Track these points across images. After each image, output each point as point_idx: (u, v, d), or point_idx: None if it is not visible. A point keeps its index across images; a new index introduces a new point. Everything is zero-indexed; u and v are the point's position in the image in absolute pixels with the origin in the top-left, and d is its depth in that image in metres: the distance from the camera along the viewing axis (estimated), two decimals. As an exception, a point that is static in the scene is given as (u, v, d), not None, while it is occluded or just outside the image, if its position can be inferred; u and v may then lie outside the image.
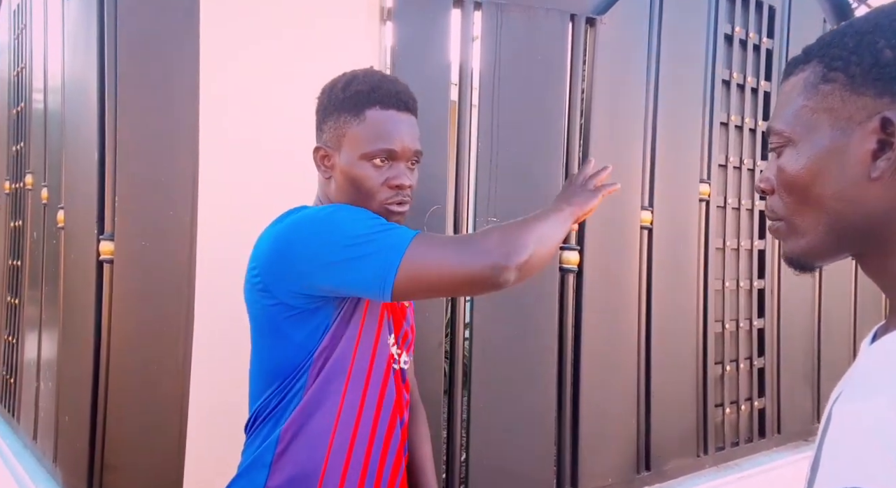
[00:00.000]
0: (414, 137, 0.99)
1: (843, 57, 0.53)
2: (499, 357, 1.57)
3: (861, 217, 0.53)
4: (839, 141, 0.53)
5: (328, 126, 0.99)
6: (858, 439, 0.47)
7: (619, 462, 1.78)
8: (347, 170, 0.97)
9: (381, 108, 0.96)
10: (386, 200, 0.97)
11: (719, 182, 2.02)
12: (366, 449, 0.97)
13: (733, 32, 2.03)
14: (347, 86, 0.97)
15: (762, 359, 2.16)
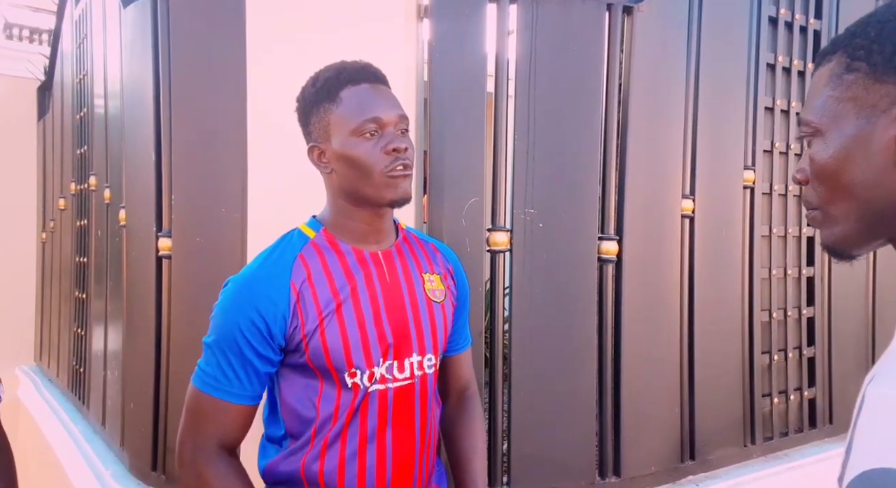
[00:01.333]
0: (394, 104, 1.00)
1: (865, 46, 0.53)
2: (538, 347, 1.59)
3: (891, 203, 0.53)
4: (864, 129, 0.53)
5: (312, 123, 1.01)
6: (890, 421, 0.47)
7: (663, 450, 1.77)
8: (342, 153, 0.98)
9: (352, 85, 0.98)
10: (387, 169, 0.96)
11: (764, 168, 1.97)
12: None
13: (778, 14, 1.97)
14: (315, 80, 1.01)
15: (812, 348, 2.10)
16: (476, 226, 1.52)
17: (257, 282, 0.98)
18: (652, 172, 1.72)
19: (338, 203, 1.04)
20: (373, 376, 1.00)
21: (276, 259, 1.01)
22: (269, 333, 0.95)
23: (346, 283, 1.00)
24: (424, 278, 1.09)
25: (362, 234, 1.04)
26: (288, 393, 1.01)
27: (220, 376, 0.97)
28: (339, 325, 0.98)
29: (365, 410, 1.00)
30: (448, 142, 1.51)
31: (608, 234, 1.66)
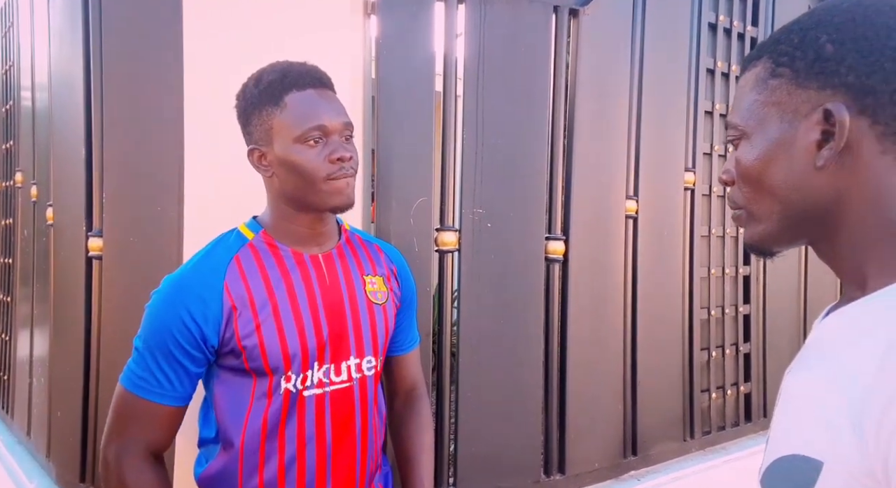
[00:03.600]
0: (339, 110, 0.98)
1: (788, 52, 0.55)
2: (486, 347, 1.60)
3: (810, 205, 0.55)
4: (787, 133, 0.55)
5: (253, 125, 0.98)
6: (799, 409, 0.50)
7: (606, 447, 1.81)
8: (284, 159, 0.96)
9: (297, 91, 0.96)
10: (329, 176, 0.95)
11: (704, 170, 2.04)
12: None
13: (717, 21, 2.04)
14: (259, 80, 0.98)
15: (748, 344, 2.19)
16: (424, 226, 1.51)
17: (189, 282, 0.96)
18: (597, 173, 1.75)
19: (278, 206, 1.02)
20: (306, 379, 0.99)
21: (210, 260, 0.99)
22: (201, 335, 0.94)
23: (283, 286, 0.99)
24: (366, 280, 1.09)
25: (303, 237, 1.03)
26: (220, 394, 1.00)
27: (149, 377, 0.95)
28: (275, 328, 0.97)
29: (302, 415, 0.99)
30: (396, 141, 1.49)
31: (555, 234, 1.68)
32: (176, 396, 0.97)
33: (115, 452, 0.97)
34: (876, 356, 0.45)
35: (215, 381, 1.01)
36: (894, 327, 0.46)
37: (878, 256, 0.52)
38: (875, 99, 0.51)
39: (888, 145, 0.52)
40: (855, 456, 0.44)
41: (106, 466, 0.98)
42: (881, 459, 0.42)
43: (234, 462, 0.99)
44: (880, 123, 0.51)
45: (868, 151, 0.52)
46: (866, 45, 0.51)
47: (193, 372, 0.97)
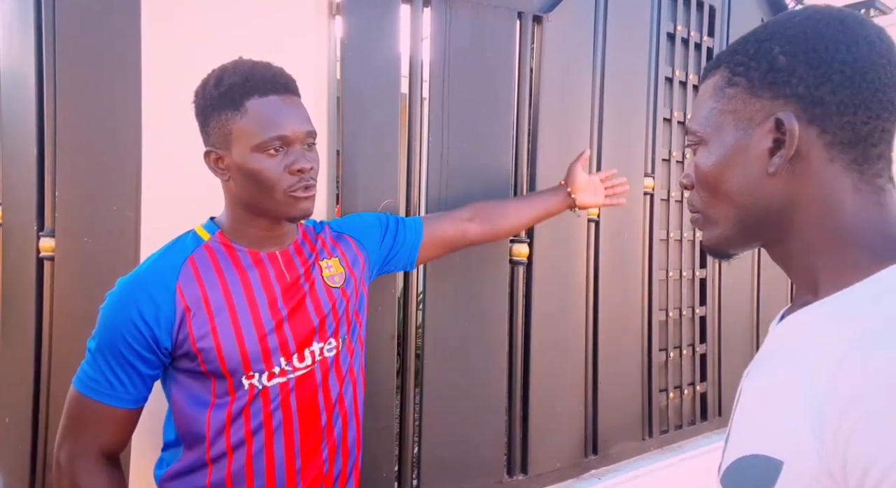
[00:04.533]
0: (303, 118, 0.96)
1: (744, 63, 0.57)
2: (451, 349, 1.60)
3: (762, 209, 0.57)
4: (742, 140, 0.57)
5: (212, 127, 0.96)
6: (759, 410, 0.51)
7: (568, 447, 1.84)
8: (242, 167, 0.94)
9: (259, 97, 0.93)
10: (289, 188, 0.94)
11: (663, 176, 2.09)
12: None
13: (675, 31, 2.10)
14: (219, 81, 0.95)
15: (704, 345, 2.25)
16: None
17: (141, 284, 0.94)
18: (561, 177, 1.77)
19: (234, 208, 1.01)
20: (273, 376, 0.99)
21: (164, 261, 0.98)
22: (153, 336, 0.92)
23: (240, 286, 0.98)
24: (322, 266, 1.09)
25: (260, 239, 1.03)
26: (179, 397, 0.99)
27: (102, 379, 0.94)
28: (233, 329, 0.96)
29: (267, 404, 0.99)
30: (361, 142, 1.49)
31: (520, 237, 1.69)
32: (129, 399, 0.95)
33: (67, 455, 0.95)
34: (833, 359, 0.46)
35: (172, 384, 0.99)
36: (850, 330, 0.47)
37: (827, 261, 0.54)
38: (823, 109, 0.53)
39: (835, 154, 0.54)
40: (814, 456, 0.45)
41: (58, 470, 0.96)
42: (840, 460, 0.43)
43: (200, 459, 0.98)
44: (828, 133, 0.53)
45: (817, 159, 0.54)
46: (816, 58, 0.53)
47: (147, 374, 0.95)
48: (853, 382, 0.43)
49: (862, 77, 0.52)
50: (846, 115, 0.53)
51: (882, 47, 0.53)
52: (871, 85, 0.52)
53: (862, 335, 0.45)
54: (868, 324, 0.46)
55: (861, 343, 0.45)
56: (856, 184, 0.53)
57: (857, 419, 0.42)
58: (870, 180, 0.54)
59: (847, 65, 0.52)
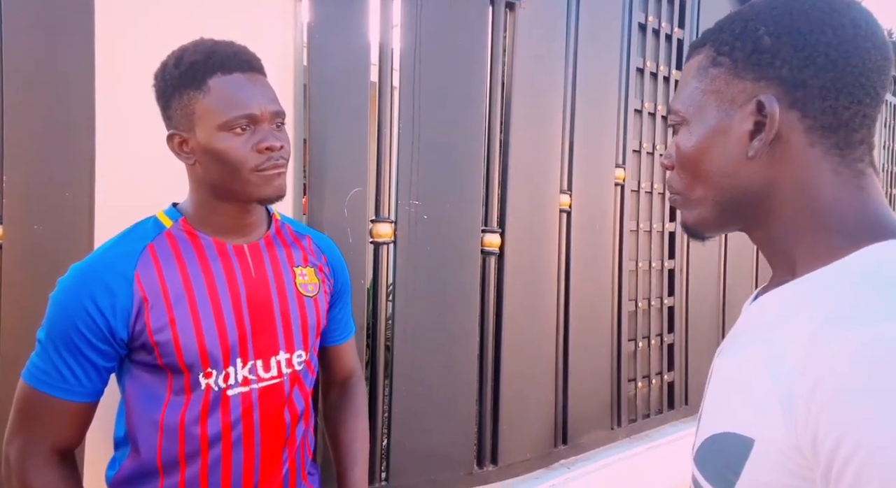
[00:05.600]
0: (270, 98, 0.91)
1: (729, 42, 0.56)
2: (421, 339, 1.58)
3: (741, 192, 0.57)
4: (723, 121, 0.56)
5: (174, 109, 0.91)
6: (730, 388, 0.51)
7: (538, 437, 1.84)
8: (208, 147, 0.89)
9: (223, 74, 0.88)
10: (258, 166, 0.89)
11: (633, 167, 2.09)
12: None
13: (647, 21, 2.10)
14: (180, 60, 0.90)
15: (672, 334, 2.28)
16: (359, 218, 1.47)
17: (96, 271, 0.89)
18: (533, 167, 1.76)
19: (201, 194, 0.96)
20: (228, 377, 0.94)
21: (122, 248, 0.92)
22: (108, 327, 0.88)
23: (202, 278, 0.94)
24: (296, 272, 1.04)
25: (227, 227, 0.98)
26: (132, 392, 0.94)
27: (53, 371, 0.89)
28: (192, 321, 0.91)
29: (227, 414, 0.94)
30: (330, 130, 1.45)
31: (491, 227, 1.68)
32: (83, 392, 0.90)
33: (17, 452, 0.90)
34: (804, 336, 0.46)
35: (127, 377, 0.95)
36: (823, 308, 0.47)
37: (806, 244, 0.54)
38: (805, 93, 0.52)
39: (816, 138, 0.53)
40: (783, 433, 0.45)
41: (7, 467, 0.90)
42: (810, 436, 0.43)
43: (151, 463, 0.93)
44: (809, 117, 0.53)
45: (797, 143, 0.53)
46: (800, 40, 0.52)
47: (102, 366, 0.91)
48: (824, 360, 0.43)
49: (846, 61, 0.52)
50: (828, 99, 0.52)
51: (867, 31, 0.52)
52: (854, 69, 0.52)
53: (834, 313, 0.45)
54: (840, 303, 0.46)
55: (833, 321, 0.45)
56: (836, 169, 0.53)
57: (827, 395, 0.42)
58: (850, 165, 0.53)
59: (832, 48, 0.51)
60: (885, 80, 0.54)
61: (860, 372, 0.41)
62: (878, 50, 0.52)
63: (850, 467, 0.40)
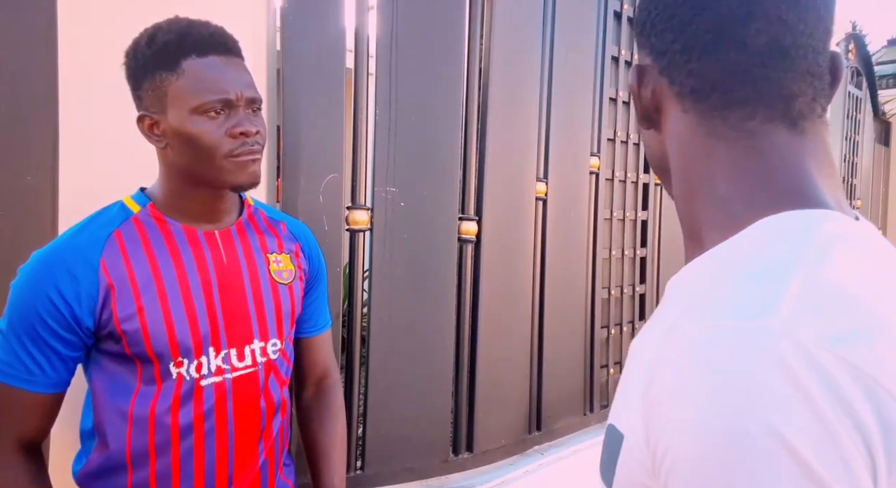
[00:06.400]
0: (245, 82, 0.88)
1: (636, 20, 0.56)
2: (398, 327, 1.57)
3: (655, 163, 0.57)
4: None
5: (145, 90, 0.87)
6: (624, 375, 0.47)
7: (513, 423, 1.85)
8: (180, 130, 0.86)
9: (198, 56, 0.85)
10: (232, 152, 0.86)
11: (608, 155, 2.11)
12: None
13: (622, 9, 2.10)
14: (152, 40, 0.86)
15: (643, 322, 2.31)
16: (334, 204, 1.45)
17: (60, 258, 0.86)
18: (509, 155, 1.76)
19: (171, 179, 0.93)
20: (201, 366, 0.92)
21: (87, 234, 0.89)
22: (73, 315, 0.85)
23: (171, 265, 0.91)
24: (269, 258, 1.02)
25: (198, 213, 0.95)
26: (100, 382, 0.91)
27: (16, 362, 0.85)
28: (161, 309, 0.89)
29: (199, 405, 0.92)
30: (304, 116, 1.41)
31: (468, 215, 1.67)
32: (48, 382, 0.87)
33: None
34: (667, 325, 0.42)
35: (94, 367, 0.92)
36: (691, 295, 0.44)
37: (704, 215, 0.50)
38: (669, 59, 0.49)
39: (688, 104, 0.49)
40: (641, 429, 0.41)
41: None
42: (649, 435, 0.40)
43: (120, 455, 0.90)
44: (676, 83, 0.50)
45: (673, 111, 0.51)
46: (659, 2, 0.50)
47: (67, 355, 0.88)
48: (664, 355, 0.40)
49: (699, 16, 0.47)
50: (691, 61, 0.48)
51: None
52: (709, 23, 0.46)
53: (691, 304, 0.42)
54: (701, 291, 0.43)
55: (685, 312, 0.41)
56: (718, 132, 0.48)
57: (656, 394, 0.39)
58: (735, 125, 0.47)
59: (685, 6, 0.47)
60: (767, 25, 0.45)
61: (676, 373, 0.38)
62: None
63: (664, 469, 0.38)
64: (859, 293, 0.38)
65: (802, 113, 0.46)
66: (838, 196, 0.47)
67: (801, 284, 0.38)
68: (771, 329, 0.35)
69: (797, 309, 0.36)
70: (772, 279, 0.39)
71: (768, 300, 0.37)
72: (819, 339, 0.35)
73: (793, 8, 0.45)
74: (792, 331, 0.35)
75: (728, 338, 0.36)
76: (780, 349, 0.35)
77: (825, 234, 0.42)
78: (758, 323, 0.36)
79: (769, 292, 0.38)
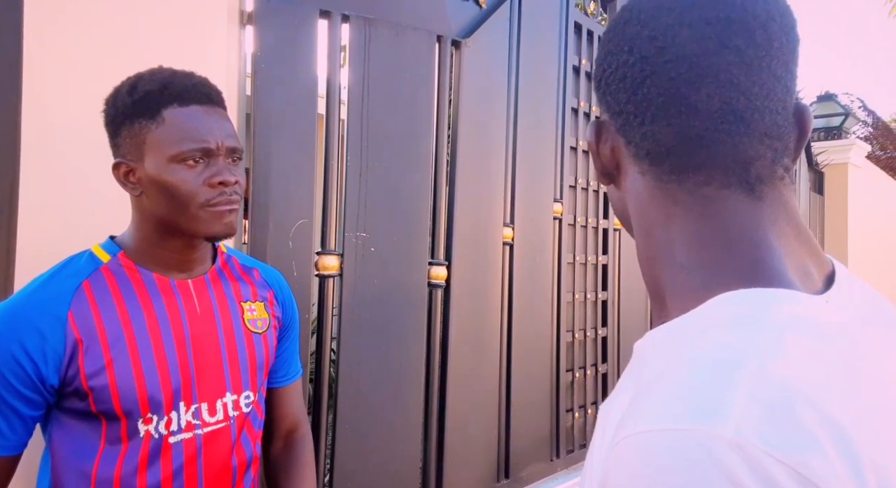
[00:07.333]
0: (227, 132, 0.88)
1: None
2: (366, 373, 1.54)
3: (620, 218, 0.55)
4: None
5: (123, 137, 0.86)
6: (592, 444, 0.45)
7: (481, 472, 1.82)
8: (157, 179, 0.84)
9: (179, 105, 0.84)
10: (209, 201, 0.85)
11: (570, 201, 2.17)
12: None
13: (580, 64, 2.21)
14: (134, 88, 0.86)
15: (605, 364, 2.34)
16: (304, 249, 1.43)
17: (24, 312, 0.82)
18: (478, 200, 1.79)
19: (145, 227, 0.90)
20: (170, 423, 0.88)
21: (53, 285, 0.85)
22: (38, 374, 0.80)
23: (142, 316, 0.88)
24: (244, 307, 0.99)
25: (170, 262, 0.92)
26: (60, 443, 0.86)
27: None
28: (131, 364, 0.85)
29: (168, 463, 0.88)
30: (274, 160, 1.41)
31: (438, 260, 1.68)
32: (6, 445, 0.82)
33: None
34: (622, 410, 0.40)
35: (54, 426, 0.86)
36: (644, 378, 0.41)
37: (666, 280, 0.47)
38: (624, 119, 0.47)
39: (644, 167, 0.47)
40: None
41: None
42: None
43: None
44: (632, 144, 0.47)
45: (631, 172, 0.49)
46: (611, 61, 0.47)
47: (28, 415, 0.83)
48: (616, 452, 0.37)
49: (649, 77, 0.44)
50: (644, 124, 0.46)
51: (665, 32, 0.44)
52: (658, 89, 0.44)
53: (642, 391, 0.39)
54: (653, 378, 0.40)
55: (634, 402, 0.39)
56: (675, 196, 0.46)
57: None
58: (692, 190, 0.45)
59: (635, 68, 0.45)
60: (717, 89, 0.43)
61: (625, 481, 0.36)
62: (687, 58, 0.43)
63: None
64: (811, 392, 0.35)
65: (760, 177, 0.44)
66: (805, 263, 0.44)
67: (751, 384, 0.35)
68: (719, 437, 0.33)
69: (745, 412, 0.34)
70: (720, 375, 0.36)
71: (716, 401, 0.35)
72: (769, 449, 0.33)
73: (744, 71, 0.42)
74: (741, 439, 0.33)
75: (676, 446, 0.34)
76: (728, 461, 0.32)
77: (778, 321, 0.39)
78: (706, 429, 0.34)
79: (717, 391, 0.35)
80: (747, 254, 0.43)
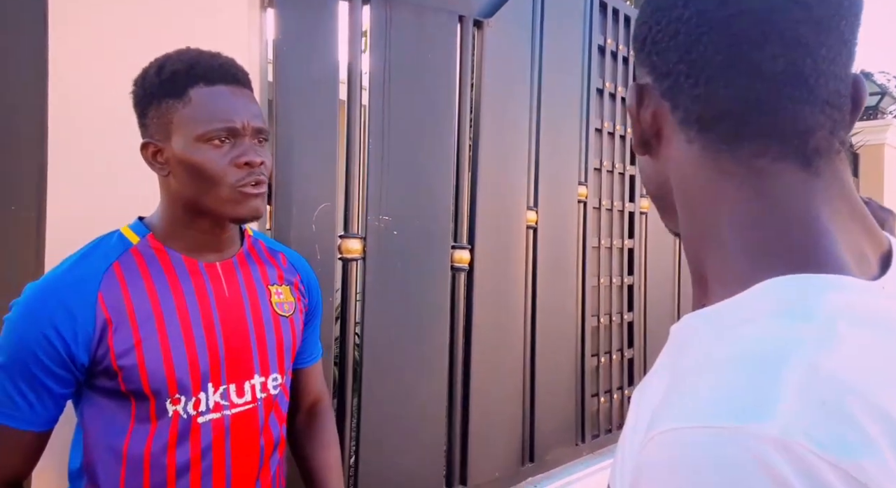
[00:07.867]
0: (253, 113, 0.88)
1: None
2: (390, 357, 1.55)
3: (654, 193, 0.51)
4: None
5: (150, 117, 0.87)
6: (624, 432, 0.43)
7: (506, 456, 1.82)
8: (184, 158, 0.85)
9: (205, 85, 0.85)
10: (238, 183, 0.85)
11: (594, 184, 2.13)
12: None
13: (605, 44, 2.16)
14: (161, 69, 0.86)
15: (631, 349, 2.31)
16: (327, 233, 1.44)
17: (55, 292, 0.83)
18: (501, 183, 1.77)
19: (173, 208, 0.91)
20: (199, 403, 0.89)
21: (84, 266, 0.86)
22: (69, 352, 0.82)
23: (171, 298, 0.88)
24: (271, 291, 1.00)
25: (199, 244, 0.93)
26: (91, 421, 0.88)
27: (5, 398, 0.83)
28: (160, 345, 0.86)
29: (196, 443, 0.89)
30: (297, 145, 1.41)
31: (461, 243, 1.67)
32: (37, 420, 0.84)
33: None
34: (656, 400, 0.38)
35: (85, 404, 0.88)
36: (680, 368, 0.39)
37: (710, 262, 0.44)
38: (672, 81, 0.44)
39: (693, 134, 0.44)
40: None
41: None
42: None
43: None
44: (679, 109, 0.44)
45: (675, 140, 0.45)
46: (662, 17, 0.43)
47: (58, 393, 0.85)
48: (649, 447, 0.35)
49: (708, 33, 0.41)
50: (697, 86, 0.42)
51: None
52: (717, 46, 0.40)
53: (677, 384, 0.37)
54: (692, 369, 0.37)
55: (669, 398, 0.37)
56: (724, 168, 0.42)
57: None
58: (745, 161, 0.42)
59: (691, 23, 0.41)
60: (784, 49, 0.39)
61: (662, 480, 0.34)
62: (749, 15, 0.40)
63: None
64: (865, 388, 0.33)
65: (818, 150, 0.41)
66: (860, 245, 0.41)
67: (799, 379, 0.33)
68: (764, 436, 0.31)
69: (793, 411, 0.31)
70: (766, 370, 0.33)
71: (762, 399, 0.32)
72: (820, 450, 0.30)
73: (813, 29, 0.39)
74: (789, 440, 0.30)
75: (716, 445, 0.32)
76: (773, 462, 0.30)
77: (830, 310, 0.36)
78: (751, 429, 0.31)
79: (763, 388, 0.33)
80: (800, 237, 0.40)
